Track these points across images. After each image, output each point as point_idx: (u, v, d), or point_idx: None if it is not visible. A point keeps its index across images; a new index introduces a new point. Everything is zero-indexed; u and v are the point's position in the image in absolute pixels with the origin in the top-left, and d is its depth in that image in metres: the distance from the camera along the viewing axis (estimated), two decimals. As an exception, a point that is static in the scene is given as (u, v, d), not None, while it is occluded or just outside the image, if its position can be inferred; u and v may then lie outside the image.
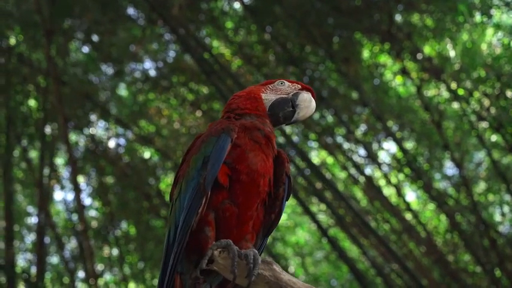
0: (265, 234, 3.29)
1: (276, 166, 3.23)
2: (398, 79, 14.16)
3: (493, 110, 13.17)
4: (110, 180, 15.97)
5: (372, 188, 14.41)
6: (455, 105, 13.78)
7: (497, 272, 13.68)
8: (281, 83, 3.41)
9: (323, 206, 14.44)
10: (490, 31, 13.30)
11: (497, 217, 15.83)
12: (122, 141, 16.02)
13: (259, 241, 3.24)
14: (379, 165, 14.52)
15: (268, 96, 3.36)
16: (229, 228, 3.02)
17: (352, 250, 15.52)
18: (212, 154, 3.05)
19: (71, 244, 16.35)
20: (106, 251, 16.18)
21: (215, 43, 14.47)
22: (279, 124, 3.38)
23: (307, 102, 3.34)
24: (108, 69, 14.93)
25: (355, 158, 14.53)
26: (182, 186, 3.14)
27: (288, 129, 12.49)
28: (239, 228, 3.04)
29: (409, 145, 14.66)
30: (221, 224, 3.02)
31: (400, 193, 14.55)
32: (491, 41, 13.40)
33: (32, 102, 15.12)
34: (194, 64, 13.32)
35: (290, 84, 3.42)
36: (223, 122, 3.19)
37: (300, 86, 3.41)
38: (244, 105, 3.30)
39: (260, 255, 3.01)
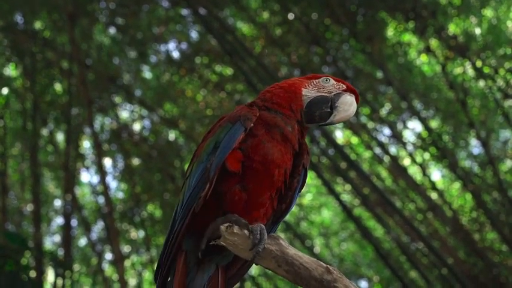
0: (274, 222, 3.29)
1: (295, 157, 3.20)
2: (423, 58, 14.10)
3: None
4: (135, 162, 16.08)
5: (396, 167, 14.40)
6: (481, 83, 13.69)
7: (525, 250, 13.67)
8: (326, 80, 3.26)
9: (348, 186, 14.43)
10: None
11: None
12: (147, 123, 16.12)
13: (266, 229, 3.12)
14: (404, 144, 14.49)
15: (309, 92, 3.22)
16: (237, 213, 2.99)
17: (377, 230, 15.54)
18: (223, 141, 3.05)
19: (98, 226, 16.51)
20: (133, 233, 16.32)
21: (238, 24, 14.45)
22: (314, 123, 3.24)
23: (347, 106, 3.20)
24: (132, 52, 14.97)
25: (380, 137, 14.50)
26: (194, 166, 3.16)
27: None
28: (248, 214, 3.02)
29: (434, 124, 14.58)
30: (229, 208, 3.00)
31: (425, 172, 14.52)
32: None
33: (57, 86, 15.23)
34: (217, 45, 13.33)
35: (335, 83, 3.26)
36: (244, 109, 3.15)
37: (344, 87, 3.25)
38: (277, 100, 3.20)
39: None
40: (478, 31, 13.30)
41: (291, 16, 13.39)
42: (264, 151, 3.03)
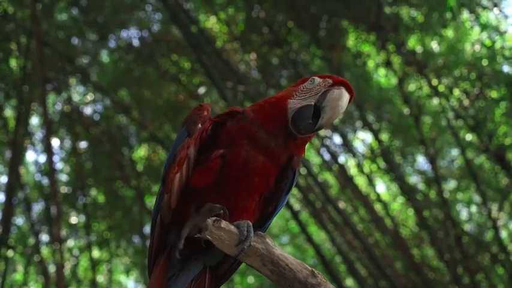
0: (261, 224, 3.20)
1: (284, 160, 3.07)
2: (380, 71, 14.26)
3: (471, 109, 13.33)
4: (83, 145, 15.91)
5: (344, 176, 14.50)
6: (435, 101, 13.91)
7: (459, 270, 13.87)
8: (311, 82, 2.98)
9: (294, 190, 14.45)
10: (476, 30, 13.44)
11: (465, 216, 16.06)
12: (99, 107, 15.95)
13: (255, 230, 3.04)
14: (353, 154, 14.62)
15: (294, 104, 2.96)
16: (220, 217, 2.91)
17: (318, 236, 15.65)
18: (171, 149, 3.05)
19: (38, 207, 16.25)
20: (73, 216, 16.13)
21: (202, 17, 14.38)
22: (303, 134, 2.96)
23: (335, 102, 2.88)
24: (92, 34, 14.78)
25: (330, 144, 14.60)
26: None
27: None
28: (230, 217, 2.92)
29: (385, 137, 14.74)
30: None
31: (371, 183, 14.68)
32: (476, 40, 13.52)
33: (12, 61, 14.94)
34: (179, 36, 13.29)
35: (321, 81, 2.96)
36: (193, 111, 3.07)
37: (330, 81, 2.95)
38: (261, 117, 2.99)
39: None
40: (437, 49, 13.52)
41: (255, 14, 13.39)
42: (245, 159, 2.96)
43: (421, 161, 15.41)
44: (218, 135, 3.07)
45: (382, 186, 16.40)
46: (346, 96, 2.93)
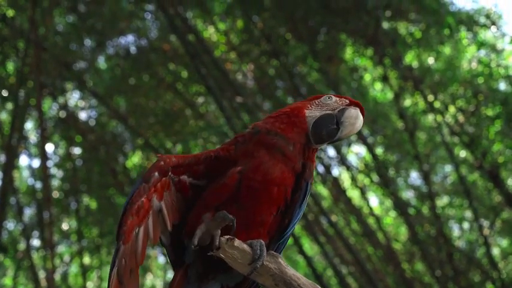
0: (279, 238, 3.21)
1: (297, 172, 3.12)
2: (376, 86, 14.29)
3: (466, 126, 13.36)
4: (77, 151, 15.86)
5: (337, 188, 14.50)
6: (430, 117, 13.93)
7: (450, 286, 13.86)
8: (328, 98, 3.18)
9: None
10: (473, 48, 13.47)
11: (456, 232, 16.07)
12: (94, 113, 15.91)
13: (272, 245, 3.16)
14: (347, 167, 14.61)
15: (312, 113, 3.13)
16: (237, 231, 2.92)
17: (310, 248, 15.62)
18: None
19: (30, 212, 16.19)
20: (65, 222, 16.08)
21: (200, 27, 14.38)
22: (323, 142, 3.12)
23: (353, 119, 3.10)
24: (89, 41, 14.76)
25: (324, 157, 14.58)
26: None
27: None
28: (248, 232, 2.98)
29: (379, 151, 14.76)
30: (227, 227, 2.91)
31: (364, 197, 14.68)
32: (472, 57, 13.57)
33: (9, 65, 14.91)
34: (177, 44, 13.30)
35: (338, 99, 3.18)
36: (156, 162, 3.06)
37: (347, 101, 3.17)
38: (279, 125, 3.11)
39: None
40: (433, 66, 13.56)
41: (253, 25, 13.41)
42: (264, 170, 3.00)
43: (415, 176, 15.45)
44: (228, 161, 3.10)
45: (375, 200, 16.44)
46: (361, 117, 3.14)
